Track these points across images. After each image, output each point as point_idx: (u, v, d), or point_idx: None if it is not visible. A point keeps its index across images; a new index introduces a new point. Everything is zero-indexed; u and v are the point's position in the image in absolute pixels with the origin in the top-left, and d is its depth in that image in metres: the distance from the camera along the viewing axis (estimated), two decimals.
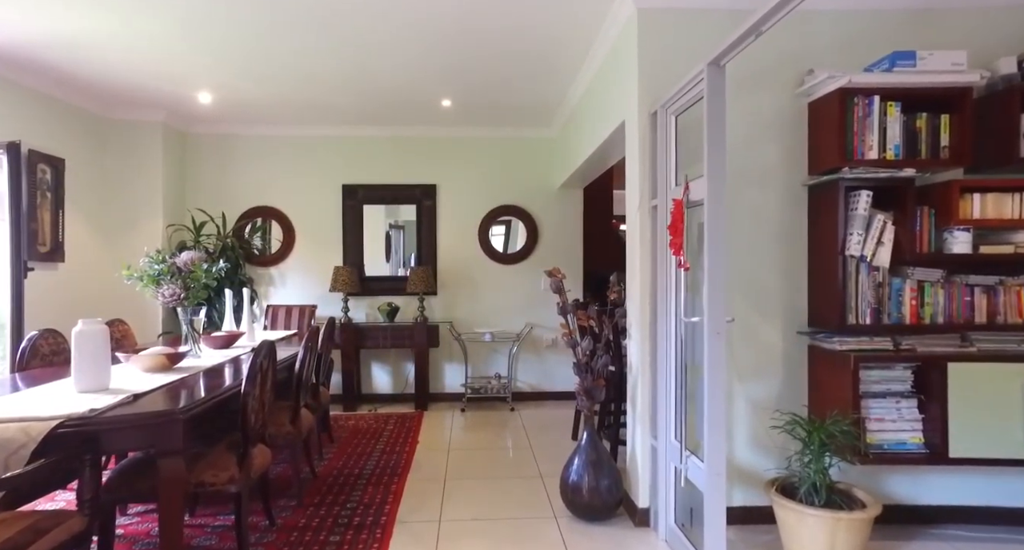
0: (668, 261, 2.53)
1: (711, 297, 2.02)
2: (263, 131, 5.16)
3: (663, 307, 2.57)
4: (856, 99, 2.40)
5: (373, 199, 5.34)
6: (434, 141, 5.35)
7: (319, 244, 5.28)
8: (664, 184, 2.56)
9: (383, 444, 4.03)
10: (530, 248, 5.43)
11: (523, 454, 3.85)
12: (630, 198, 2.91)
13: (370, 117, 4.93)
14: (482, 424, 4.65)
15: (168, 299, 2.81)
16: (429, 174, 5.36)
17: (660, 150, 2.58)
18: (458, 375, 5.38)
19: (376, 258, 5.38)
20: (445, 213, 5.39)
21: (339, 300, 5.05)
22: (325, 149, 5.27)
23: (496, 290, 5.42)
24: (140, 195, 4.65)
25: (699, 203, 2.21)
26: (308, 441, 3.38)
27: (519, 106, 4.65)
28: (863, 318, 2.43)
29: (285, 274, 5.25)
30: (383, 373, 5.39)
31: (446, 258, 5.39)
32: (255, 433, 2.41)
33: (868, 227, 2.41)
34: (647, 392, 2.71)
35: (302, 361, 3.03)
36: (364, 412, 4.96)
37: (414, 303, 5.21)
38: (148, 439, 1.86)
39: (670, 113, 2.52)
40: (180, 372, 2.61)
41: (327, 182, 5.28)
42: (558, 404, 5.29)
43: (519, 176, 5.42)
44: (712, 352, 2.01)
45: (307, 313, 4.90)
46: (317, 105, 4.55)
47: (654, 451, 2.67)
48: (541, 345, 5.46)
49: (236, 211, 5.15)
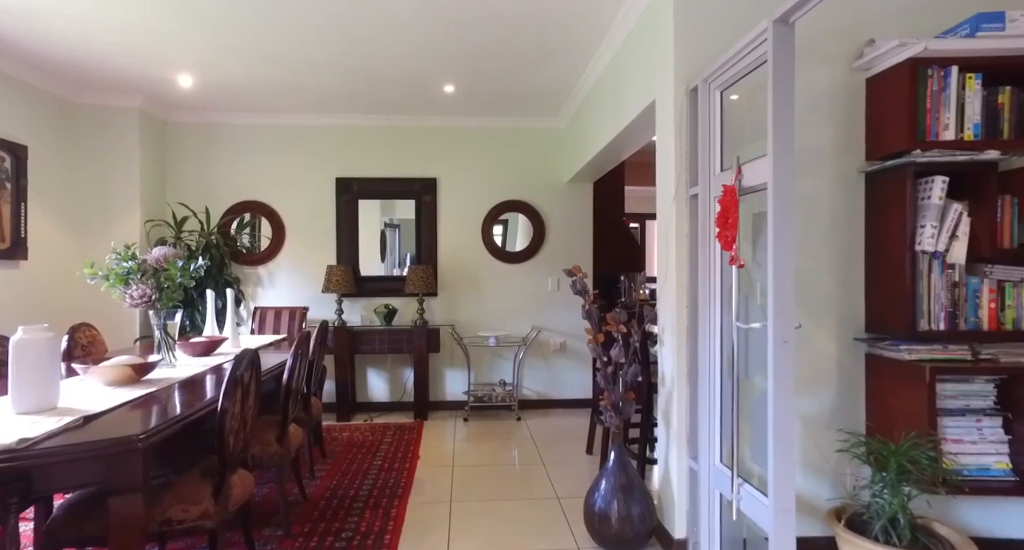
0: (713, 258, 2.21)
1: (777, 299, 1.69)
2: (250, 120, 4.81)
3: (706, 311, 2.24)
4: (930, 71, 2.08)
5: (369, 194, 4.99)
6: (435, 132, 5.01)
7: (311, 241, 4.93)
8: (707, 169, 2.23)
9: (381, 459, 3.68)
10: (537, 246, 5.10)
11: (535, 471, 3.51)
12: (662, 188, 2.59)
13: (367, 105, 4.59)
14: (487, 435, 4.31)
15: (137, 301, 2.46)
16: (429, 167, 5.02)
17: (702, 131, 2.26)
18: (460, 382, 5.04)
19: (372, 257, 5.04)
20: (446, 209, 5.05)
21: (332, 302, 4.70)
22: (317, 139, 4.92)
23: (500, 291, 5.09)
24: (115, 188, 4.28)
25: (757, 189, 1.89)
26: (298, 459, 3.04)
27: (527, 93, 4.32)
28: (936, 323, 2.12)
29: (274, 274, 4.90)
30: (380, 380, 5.05)
31: (447, 257, 5.06)
32: (234, 457, 2.07)
33: (942, 218, 2.09)
34: (684, 407, 2.39)
35: (291, 370, 2.68)
36: (359, 422, 4.61)
37: (413, 305, 4.87)
38: (98, 474, 1.51)
39: (714, 88, 2.20)
40: (149, 385, 2.26)
41: (320, 175, 4.93)
42: (566, 413, 4.96)
43: (525, 170, 5.10)
44: (779, 364, 1.69)
45: (298, 316, 4.55)
46: (309, 91, 4.21)
47: (693, 474, 2.34)
48: (548, 350, 5.13)
49: (221, 206, 4.79)
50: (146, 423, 1.73)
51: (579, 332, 5.14)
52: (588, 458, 3.73)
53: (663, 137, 2.56)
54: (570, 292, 5.12)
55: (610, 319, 2.45)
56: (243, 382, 2.08)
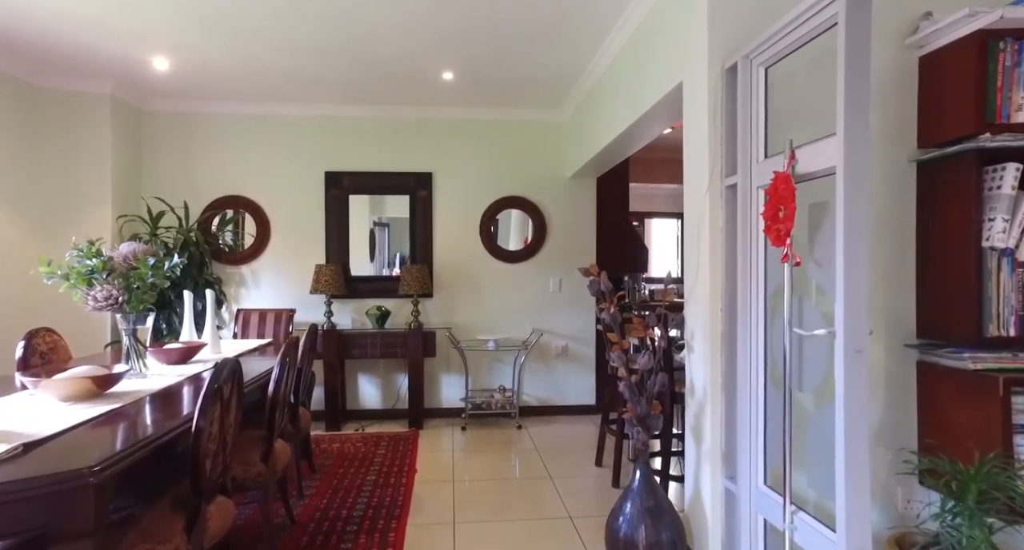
0: (756, 255, 1.97)
1: (849, 302, 1.45)
2: (233, 109, 4.50)
3: (746, 314, 2.00)
4: (1003, 44, 1.86)
5: (360, 188, 4.71)
6: (431, 123, 4.74)
7: (298, 239, 4.63)
8: (748, 156, 1.99)
9: (375, 474, 3.40)
10: (537, 245, 4.85)
11: (542, 487, 3.25)
12: (692, 179, 2.35)
13: (358, 93, 4.31)
14: (487, 445, 4.05)
15: (101, 303, 2.17)
16: (425, 161, 4.75)
17: (742, 113, 2.02)
18: (457, 388, 4.77)
19: (364, 256, 4.75)
20: (442, 205, 4.78)
21: (321, 303, 4.41)
22: (305, 131, 4.62)
23: (500, 292, 4.83)
24: (84, 180, 3.95)
25: (816, 175, 1.65)
26: (285, 476, 2.75)
27: (530, 82, 4.07)
28: (1005, 328, 1.90)
29: (259, 274, 4.59)
30: (372, 386, 4.76)
31: (443, 256, 4.78)
32: (211, 484, 1.79)
33: (1015, 210, 1.87)
34: (718, 421, 2.15)
35: (278, 380, 2.40)
36: (351, 432, 4.32)
37: (407, 307, 4.60)
38: (37, 519, 1.23)
39: (757, 64, 1.96)
40: (113, 400, 1.97)
41: (308, 169, 4.64)
42: (570, 420, 4.72)
43: (526, 164, 4.84)
44: (851, 377, 1.45)
45: (284, 318, 4.26)
46: (296, 78, 3.92)
47: (730, 497, 2.10)
48: (549, 354, 4.88)
49: (201, 201, 4.48)
50: (104, 449, 1.44)
51: (582, 335, 4.90)
52: (598, 471, 3.48)
53: (693, 123, 2.32)
54: (572, 293, 4.89)
55: (637, 324, 2.20)
56: (223, 396, 1.80)
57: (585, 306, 4.89)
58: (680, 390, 2.45)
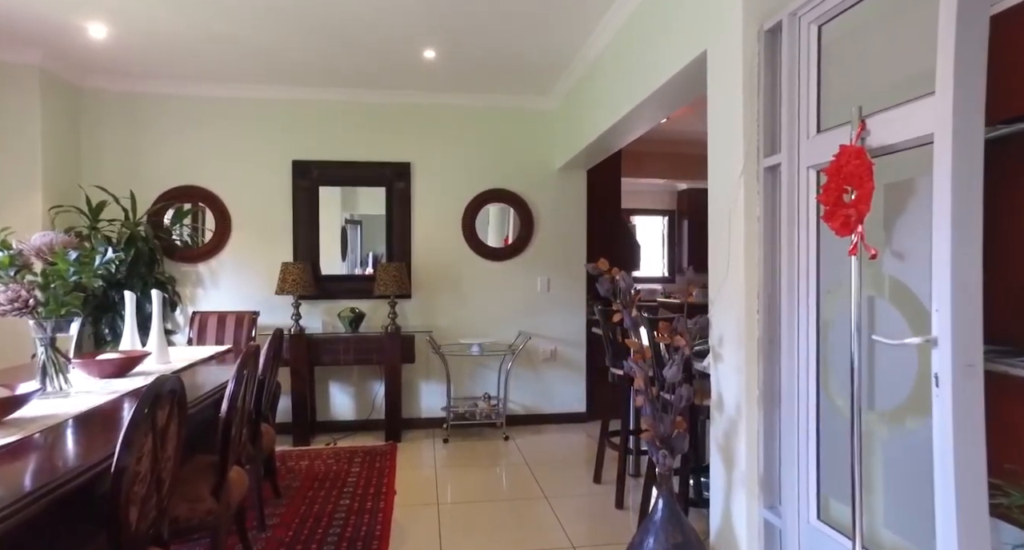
0: (808, 247, 1.67)
1: (957, 305, 1.16)
2: (187, 90, 4.05)
3: (793, 317, 1.70)
4: None
5: (332, 179, 4.30)
6: (410, 109, 4.37)
7: (262, 235, 4.20)
8: (796, 132, 1.69)
9: (349, 497, 3.02)
10: (525, 241, 4.52)
11: (538, 509, 2.92)
12: (719, 162, 2.04)
13: (331, 74, 3.91)
14: (472, 460, 3.70)
15: (6, 306, 1.75)
16: (402, 150, 4.37)
17: (787, 81, 1.72)
18: (438, 396, 4.40)
19: (335, 253, 4.35)
20: (422, 198, 4.41)
21: (288, 305, 4.00)
22: (271, 115, 4.20)
23: (484, 292, 4.48)
24: (7, 164, 3.45)
25: (894, 149, 1.35)
26: (244, 505, 2.36)
27: (518, 64, 3.73)
28: None
29: (218, 272, 4.15)
30: (344, 395, 4.36)
31: (423, 253, 4.41)
32: (141, 536, 1.41)
33: None
34: (755, 441, 1.85)
35: (233, 396, 2.01)
36: (321, 446, 3.92)
37: (383, 308, 4.22)
38: None
39: (809, 22, 1.66)
40: (16, 429, 1.56)
41: (273, 158, 4.21)
42: (559, 429, 4.40)
43: (512, 155, 4.51)
44: (960, 397, 1.16)
45: (246, 322, 3.83)
46: (260, 54, 3.50)
47: (769, 530, 1.80)
48: (537, 358, 4.55)
49: (151, 192, 4.01)
50: None
51: (572, 338, 4.58)
52: (598, 489, 3.16)
53: (721, 97, 2.02)
54: (561, 293, 4.57)
55: (663, 328, 1.88)
56: (156, 425, 1.42)
57: (575, 307, 4.58)
58: (702, 403, 2.14)
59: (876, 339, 1.39)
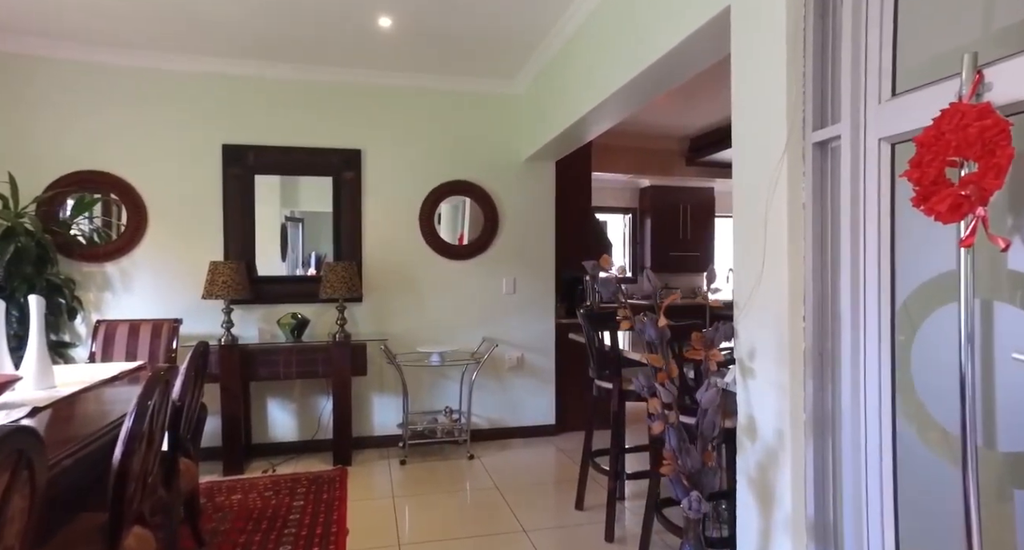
0: (880, 238, 1.35)
1: None
2: (94, 56, 3.42)
3: (859, 325, 1.38)
4: None
5: (270, 167, 3.76)
6: (362, 90, 3.88)
7: (186, 229, 3.62)
8: (862, 96, 1.37)
9: (291, 542, 2.53)
10: (489, 238, 4.12)
11: (519, 547, 2.52)
12: (745, 143, 1.71)
13: (270, 46, 3.39)
14: (435, 484, 3.26)
15: None
16: (352, 135, 3.88)
17: (848, 32, 1.39)
18: (393, 412, 3.93)
19: (275, 251, 3.81)
20: (374, 189, 3.93)
21: (219, 311, 3.44)
22: (197, 91, 3.62)
23: (444, 294, 4.05)
24: None
25: None
26: None
27: (484, 40, 3.33)
28: None
29: (131, 274, 3.53)
30: (285, 413, 3.82)
31: (375, 251, 3.93)
32: None
33: None
34: (802, 476, 1.52)
35: (129, 438, 1.50)
36: (258, 475, 3.38)
37: (330, 314, 3.72)
38: None
39: None
40: None
41: (199, 141, 3.64)
42: (527, 444, 4.02)
43: (475, 143, 4.10)
44: None
45: (166, 331, 3.25)
46: (184, 18, 2.95)
47: None
48: (502, 366, 4.15)
49: (43, 178, 3.35)
50: None
51: (540, 344, 4.22)
52: (582, 518, 2.79)
53: (752, 60, 1.68)
54: (528, 294, 4.18)
55: (696, 341, 1.52)
56: None
57: (543, 309, 4.22)
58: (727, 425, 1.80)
59: (1018, 358, 1.07)
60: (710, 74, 2.47)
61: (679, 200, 6.34)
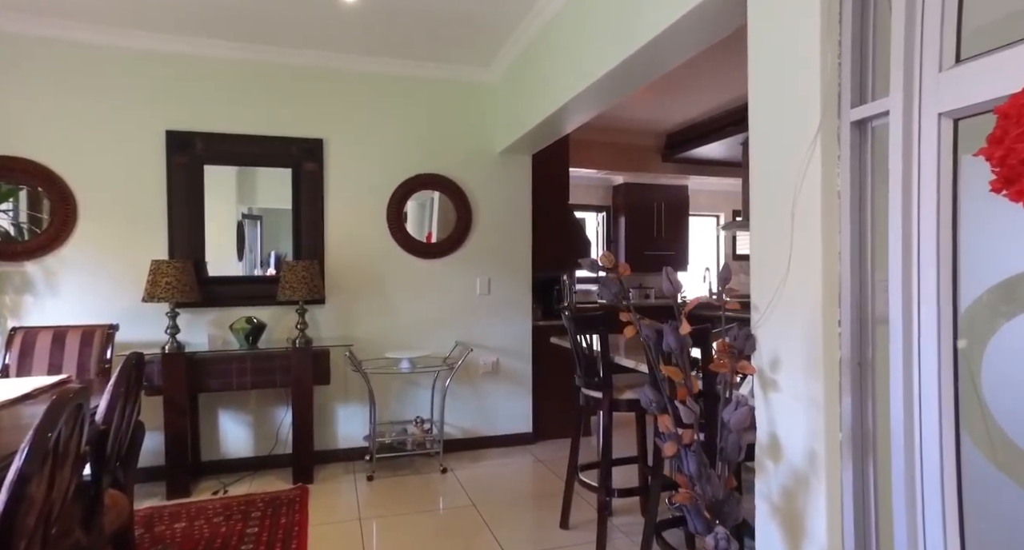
0: (935, 232, 1.16)
1: None
2: (13, 25, 3.02)
3: (911, 333, 1.19)
4: None
5: (222, 157, 3.41)
6: (324, 75, 3.57)
7: (123, 224, 3.24)
8: (915, 67, 1.18)
9: None
10: (462, 235, 3.86)
11: None
12: (765, 124, 1.50)
13: (221, 22, 3.05)
14: (406, 503, 2.98)
15: None
16: (314, 124, 3.57)
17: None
18: (359, 423, 3.63)
19: (227, 248, 3.46)
20: (337, 182, 3.63)
21: (162, 315, 3.08)
22: (136, 71, 3.25)
23: (414, 296, 3.77)
24: None
25: None
26: None
27: (457, 21, 3.07)
28: None
29: (57, 274, 3.13)
30: (239, 427, 3.47)
31: (339, 249, 3.63)
32: None
33: None
34: (839, 505, 1.32)
35: (17, 484, 1.19)
36: (207, 497, 3.04)
37: (290, 317, 3.41)
38: None
39: None
40: None
41: (139, 126, 3.27)
42: (503, 454, 3.78)
43: (447, 134, 3.83)
44: None
45: (98, 339, 2.88)
46: None
47: None
48: (476, 372, 3.90)
49: None
50: None
51: (515, 347, 3.98)
52: (568, 539, 2.56)
53: (774, 29, 1.48)
54: (504, 295, 3.94)
55: (721, 350, 1.31)
56: None
57: (519, 311, 3.98)
58: None
59: None
60: (689, 66, 2.28)
61: (653, 198, 6.20)
